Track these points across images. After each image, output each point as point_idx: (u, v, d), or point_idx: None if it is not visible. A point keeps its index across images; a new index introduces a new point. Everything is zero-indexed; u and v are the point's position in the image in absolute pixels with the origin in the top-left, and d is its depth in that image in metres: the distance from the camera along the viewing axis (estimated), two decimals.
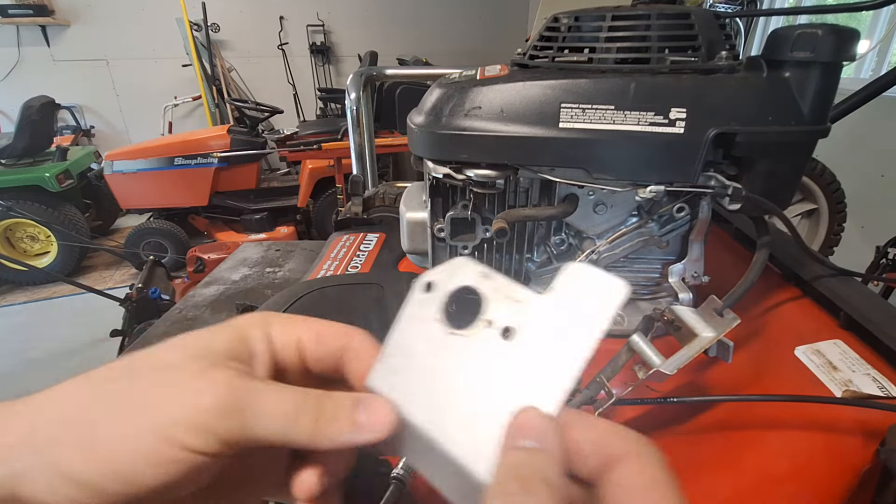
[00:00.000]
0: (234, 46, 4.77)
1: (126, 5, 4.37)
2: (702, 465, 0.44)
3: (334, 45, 5.05)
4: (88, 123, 4.60)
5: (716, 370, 0.51)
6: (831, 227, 1.08)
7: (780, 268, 0.69)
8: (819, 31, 0.42)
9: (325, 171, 3.14)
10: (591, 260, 0.54)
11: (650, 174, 0.47)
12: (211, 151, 3.08)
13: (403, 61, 3.68)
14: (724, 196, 0.46)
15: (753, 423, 0.46)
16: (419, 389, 0.21)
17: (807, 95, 0.44)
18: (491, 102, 0.47)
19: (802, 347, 0.53)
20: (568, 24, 0.50)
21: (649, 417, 0.48)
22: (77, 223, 3.10)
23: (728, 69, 0.46)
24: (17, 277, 3.06)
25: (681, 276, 0.56)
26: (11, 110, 3.89)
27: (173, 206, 3.21)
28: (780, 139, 0.45)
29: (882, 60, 2.22)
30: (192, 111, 4.81)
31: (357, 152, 1.23)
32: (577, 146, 0.46)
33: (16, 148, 3.02)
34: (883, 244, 1.44)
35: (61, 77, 4.38)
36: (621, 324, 0.55)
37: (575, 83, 0.45)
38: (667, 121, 0.44)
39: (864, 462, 0.41)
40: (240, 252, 1.28)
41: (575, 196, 0.53)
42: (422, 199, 0.61)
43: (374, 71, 1.22)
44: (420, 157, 0.54)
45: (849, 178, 1.09)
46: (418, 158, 0.54)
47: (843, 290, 0.58)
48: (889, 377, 0.47)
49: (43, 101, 3.07)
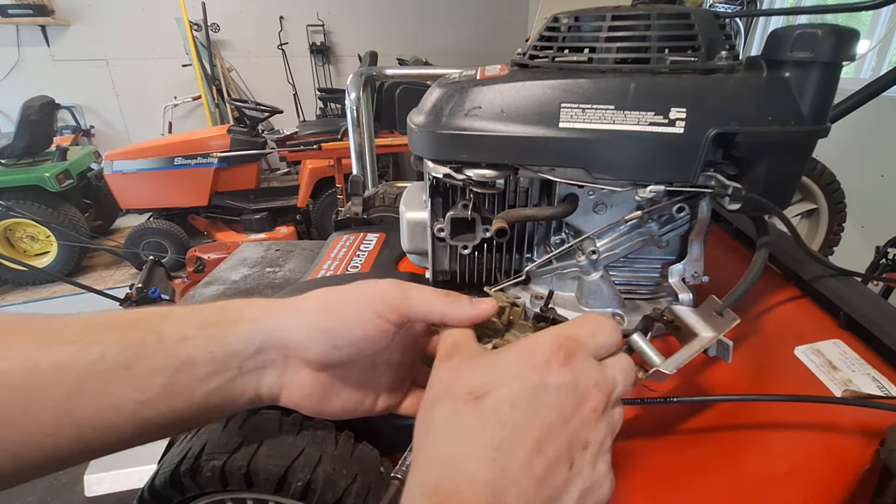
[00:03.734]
0: (234, 46, 4.77)
1: (126, 5, 4.37)
2: (702, 464, 0.44)
3: (334, 45, 5.05)
4: (88, 123, 4.60)
5: (716, 370, 0.52)
6: (831, 227, 1.09)
7: (780, 268, 0.69)
8: (819, 31, 0.42)
9: (325, 171, 3.14)
10: (591, 260, 0.54)
11: (650, 174, 0.47)
12: (211, 151, 3.08)
13: (403, 61, 3.68)
14: (724, 196, 0.46)
15: (753, 423, 0.46)
16: None
17: (806, 95, 0.44)
18: (491, 102, 0.47)
19: (802, 347, 0.53)
20: (568, 24, 0.50)
21: (649, 417, 0.48)
22: (77, 223, 3.10)
23: (728, 69, 0.46)
24: (16, 277, 3.06)
25: (681, 277, 0.56)
26: (11, 110, 3.88)
27: (173, 206, 3.21)
28: (779, 139, 0.45)
29: (882, 60, 2.21)
30: (192, 111, 4.81)
31: (357, 152, 1.23)
32: (577, 146, 0.46)
33: (16, 148, 3.02)
34: (883, 244, 1.44)
35: (61, 77, 4.38)
36: (621, 324, 0.55)
37: (575, 83, 0.45)
38: (667, 121, 0.44)
39: (864, 462, 0.41)
40: (240, 252, 1.28)
41: (575, 196, 0.53)
42: (422, 199, 0.61)
43: (374, 71, 1.22)
44: (420, 157, 0.54)
45: (849, 178, 1.09)
46: (418, 158, 0.54)
47: (842, 289, 0.58)
48: (889, 377, 0.47)
49: (43, 101, 3.07)
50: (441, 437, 0.25)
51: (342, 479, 0.43)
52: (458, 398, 0.26)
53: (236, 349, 0.31)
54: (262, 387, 0.32)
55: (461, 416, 0.25)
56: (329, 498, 0.42)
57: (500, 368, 0.27)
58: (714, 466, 0.43)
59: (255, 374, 0.32)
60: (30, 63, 4.30)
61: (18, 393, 0.25)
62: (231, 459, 0.42)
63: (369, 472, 0.45)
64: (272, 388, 0.33)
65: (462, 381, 0.27)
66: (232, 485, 0.43)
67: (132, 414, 0.28)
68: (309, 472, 0.42)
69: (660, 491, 0.43)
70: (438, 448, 0.25)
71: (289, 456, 0.43)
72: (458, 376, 0.28)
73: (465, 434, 0.24)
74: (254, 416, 0.47)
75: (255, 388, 0.32)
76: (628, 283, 0.59)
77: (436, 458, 0.25)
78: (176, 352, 0.29)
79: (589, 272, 0.55)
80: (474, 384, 0.26)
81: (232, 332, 0.31)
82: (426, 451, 0.26)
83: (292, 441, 0.44)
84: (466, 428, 0.25)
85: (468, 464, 0.23)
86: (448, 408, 0.26)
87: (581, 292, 0.57)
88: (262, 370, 0.32)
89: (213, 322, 0.31)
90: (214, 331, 0.31)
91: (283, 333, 0.31)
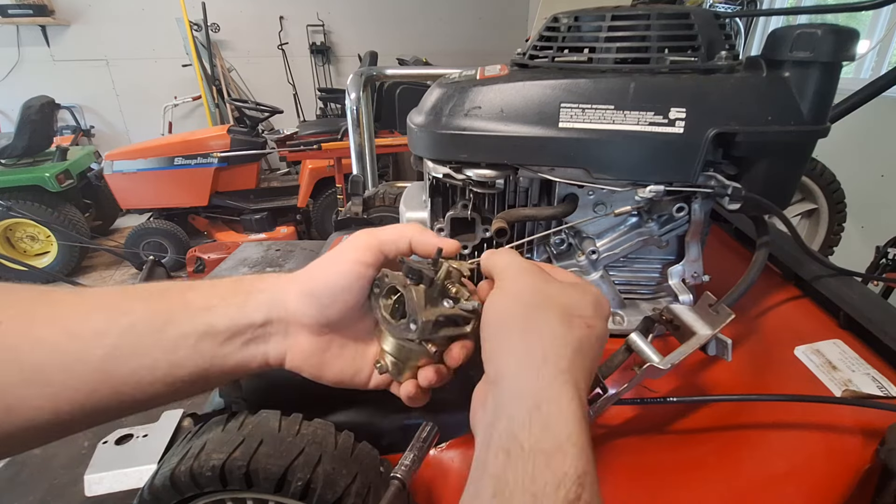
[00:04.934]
0: (234, 46, 4.77)
1: (126, 5, 4.37)
2: (702, 464, 0.44)
3: (334, 45, 5.05)
4: (88, 123, 4.60)
5: (716, 370, 0.52)
6: (831, 227, 1.09)
7: (779, 268, 0.69)
8: (818, 31, 0.42)
9: (325, 171, 3.14)
10: (591, 260, 0.54)
11: (650, 174, 0.47)
12: (211, 151, 3.08)
13: (403, 61, 3.68)
14: (724, 196, 0.46)
15: (753, 423, 0.46)
16: None
17: (806, 95, 0.44)
18: (491, 102, 0.47)
19: (802, 347, 0.53)
20: (568, 24, 0.50)
21: (649, 417, 0.48)
22: (77, 223, 3.10)
23: (728, 69, 0.46)
24: (16, 277, 3.05)
25: (680, 277, 0.56)
26: (11, 110, 3.88)
27: (173, 206, 3.20)
28: (779, 139, 0.45)
29: (882, 60, 2.21)
30: (192, 111, 4.81)
31: (357, 152, 1.23)
32: (576, 146, 0.46)
33: (16, 148, 3.02)
34: (883, 244, 1.44)
35: (61, 77, 4.38)
36: (621, 323, 0.55)
37: (575, 83, 0.45)
38: (666, 121, 0.44)
39: (864, 462, 0.41)
40: (240, 252, 1.28)
41: (575, 196, 0.53)
42: (422, 198, 0.61)
43: (374, 71, 1.22)
44: (420, 157, 0.54)
45: (849, 178, 1.09)
46: (418, 158, 0.54)
47: (842, 289, 0.58)
48: (888, 377, 0.47)
49: (43, 101, 3.07)
50: (561, 337, 0.30)
51: (342, 479, 0.43)
52: (572, 316, 0.32)
53: (250, 318, 0.35)
54: (270, 351, 0.36)
55: (577, 330, 0.31)
56: (329, 497, 0.42)
57: (591, 305, 0.34)
58: (714, 466, 0.43)
59: (264, 340, 0.36)
60: (30, 63, 4.30)
61: (62, 355, 0.29)
62: (231, 459, 0.42)
63: (369, 472, 0.45)
64: (278, 353, 0.37)
65: (565, 299, 0.33)
66: (232, 484, 0.43)
67: (164, 374, 0.32)
68: (309, 472, 0.42)
69: (660, 491, 0.43)
70: (563, 338, 0.30)
71: (289, 455, 0.43)
72: (560, 293, 0.33)
73: (584, 343, 0.31)
74: (254, 415, 0.47)
75: (264, 352, 0.36)
76: (628, 283, 0.59)
77: (566, 348, 0.30)
78: (201, 318, 0.33)
79: (589, 272, 0.55)
80: (580, 310, 0.32)
81: (247, 303, 0.35)
82: (547, 338, 0.30)
83: (292, 441, 0.44)
84: (585, 339, 0.31)
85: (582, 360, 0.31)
86: (561, 318, 0.31)
87: None
88: (270, 336, 0.36)
89: (231, 293, 0.35)
90: (232, 301, 0.35)
91: (283, 303, 0.36)
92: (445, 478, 0.48)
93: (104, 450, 0.63)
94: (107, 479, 0.59)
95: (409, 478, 0.40)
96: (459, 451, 0.49)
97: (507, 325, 0.31)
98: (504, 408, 0.28)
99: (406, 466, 0.40)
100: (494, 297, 0.33)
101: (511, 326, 0.31)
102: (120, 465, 0.60)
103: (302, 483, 0.42)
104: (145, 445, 0.62)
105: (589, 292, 0.35)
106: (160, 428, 0.64)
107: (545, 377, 0.28)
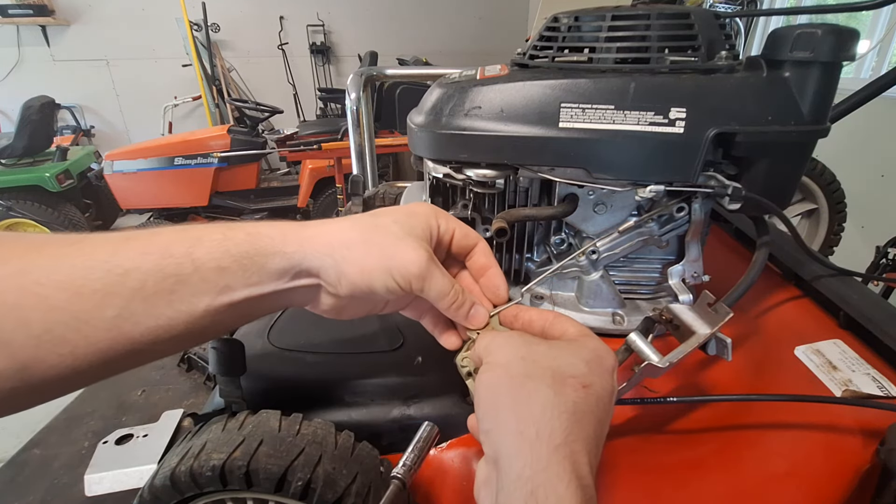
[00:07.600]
0: (234, 46, 4.77)
1: (126, 5, 4.37)
2: (702, 464, 0.44)
3: (334, 45, 5.05)
4: (88, 123, 4.60)
5: (716, 370, 0.52)
6: (831, 227, 1.09)
7: (780, 267, 0.69)
8: (818, 31, 0.42)
9: (325, 171, 3.14)
10: (591, 260, 0.54)
11: (650, 174, 0.47)
12: (211, 151, 3.08)
13: (403, 61, 3.68)
14: (724, 196, 0.46)
15: (753, 423, 0.46)
16: None
17: (806, 95, 0.44)
18: (491, 102, 0.47)
19: (802, 347, 0.53)
20: (568, 24, 0.50)
21: (649, 417, 0.48)
22: (77, 223, 3.10)
23: (728, 69, 0.46)
24: None
25: (680, 278, 0.56)
26: (11, 110, 3.88)
27: (173, 206, 3.20)
28: (779, 139, 0.45)
29: (882, 60, 2.21)
30: (192, 111, 4.81)
31: (357, 152, 1.23)
32: (576, 146, 0.46)
33: (16, 148, 3.02)
34: (883, 244, 1.44)
35: (61, 77, 4.38)
36: (621, 323, 0.55)
37: (575, 83, 0.45)
38: (666, 120, 0.44)
39: (864, 462, 0.42)
40: None
41: (575, 196, 0.53)
42: (422, 198, 0.61)
43: (374, 71, 1.22)
44: (420, 157, 0.54)
45: (849, 178, 1.09)
46: (418, 158, 0.54)
47: (842, 289, 0.58)
48: (888, 377, 0.47)
49: (43, 101, 3.07)
50: (553, 407, 0.29)
51: (342, 479, 0.43)
52: (564, 378, 0.30)
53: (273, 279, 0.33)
54: (294, 302, 0.37)
55: (570, 394, 0.30)
56: (329, 497, 0.42)
57: (583, 362, 0.32)
58: (714, 466, 0.43)
59: (289, 293, 0.35)
60: (30, 63, 4.30)
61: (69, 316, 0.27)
62: (231, 459, 0.42)
63: (369, 472, 0.45)
64: (302, 303, 0.37)
65: (553, 361, 0.32)
66: (232, 484, 0.43)
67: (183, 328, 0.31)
68: (309, 472, 0.42)
69: (660, 491, 0.43)
70: (554, 408, 0.29)
71: (289, 455, 0.43)
72: (547, 355, 0.32)
73: (580, 407, 0.30)
74: (254, 415, 0.47)
75: (287, 302, 0.36)
76: (628, 283, 0.59)
77: (559, 418, 0.29)
78: (214, 279, 0.31)
79: (589, 272, 0.55)
80: (572, 370, 0.31)
81: (270, 264, 0.33)
82: (537, 410, 0.29)
83: (292, 441, 0.44)
84: (581, 402, 0.30)
85: (581, 428, 0.29)
86: (551, 383, 0.30)
87: (581, 292, 0.57)
88: (294, 291, 0.35)
89: (247, 254, 0.33)
90: (250, 263, 0.32)
91: (317, 271, 0.35)
92: (445, 478, 0.48)
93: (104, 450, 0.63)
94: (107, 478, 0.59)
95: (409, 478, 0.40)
96: (459, 451, 0.49)
97: (497, 401, 0.30)
98: (504, 491, 0.28)
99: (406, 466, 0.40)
100: (482, 374, 0.33)
101: (501, 402, 0.30)
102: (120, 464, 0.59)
103: (302, 483, 0.42)
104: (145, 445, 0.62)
105: (584, 347, 0.33)
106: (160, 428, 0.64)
107: (540, 458, 0.27)
